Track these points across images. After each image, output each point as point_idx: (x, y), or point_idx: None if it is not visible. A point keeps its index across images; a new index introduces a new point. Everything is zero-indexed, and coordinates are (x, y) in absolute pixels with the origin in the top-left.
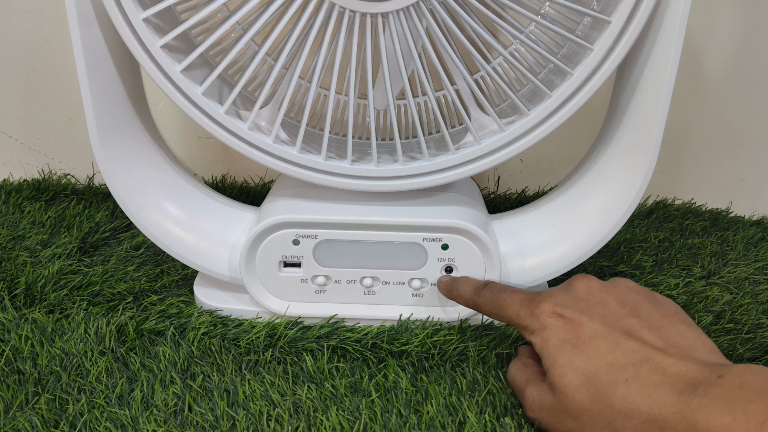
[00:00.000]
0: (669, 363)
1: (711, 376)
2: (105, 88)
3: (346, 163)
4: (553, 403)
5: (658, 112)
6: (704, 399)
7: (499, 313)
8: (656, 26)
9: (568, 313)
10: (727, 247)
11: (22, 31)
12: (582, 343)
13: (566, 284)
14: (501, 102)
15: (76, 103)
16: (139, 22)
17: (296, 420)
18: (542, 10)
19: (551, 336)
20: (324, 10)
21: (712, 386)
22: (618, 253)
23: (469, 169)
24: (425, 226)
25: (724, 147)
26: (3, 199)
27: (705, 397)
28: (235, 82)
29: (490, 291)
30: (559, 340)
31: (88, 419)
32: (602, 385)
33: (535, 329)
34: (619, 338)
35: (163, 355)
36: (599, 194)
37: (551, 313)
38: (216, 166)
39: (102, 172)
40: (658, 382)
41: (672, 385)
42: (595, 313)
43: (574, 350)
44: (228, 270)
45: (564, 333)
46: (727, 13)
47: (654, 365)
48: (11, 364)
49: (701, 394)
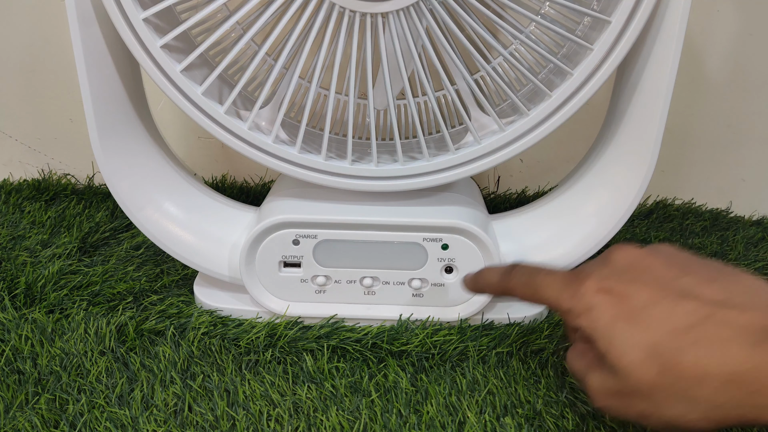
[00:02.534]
0: (734, 315)
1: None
2: (105, 88)
3: (346, 163)
4: (619, 386)
5: (658, 112)
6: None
7: (534, 296)
8: (656, 26)
9: (615, 286)
10: (727, 247)
11: (22, 31)
12: (636, 315)
13: (603, 257)
14: (501, 102)
15: (76, 103)
16: (139, 22)
17: (296, 420)
18: (542, 10)
19: (601, 315)
20: (324, 10)
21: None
22: None
23: (469, 169)
24: (425, 226)
25: (724, 147)
26: (3, 199)
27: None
28: (235, 82)
29: (522, 273)
30: (611, 318)
31: (88, 419)
32: (668, 354)
33: (581, 311)
34: (676, 300)
35: (163, 355)
36: (599, 194)
37: (597, 290)
38: (216, 166)
39: (102, 172)
40: (726, 337)
41: (743, 338)
42: (644, 281)
43: (629, 324)
44: (228, 270)
45: (614, 309)
46: (727, 13)
47: (719, 321)
48: (11, 364)
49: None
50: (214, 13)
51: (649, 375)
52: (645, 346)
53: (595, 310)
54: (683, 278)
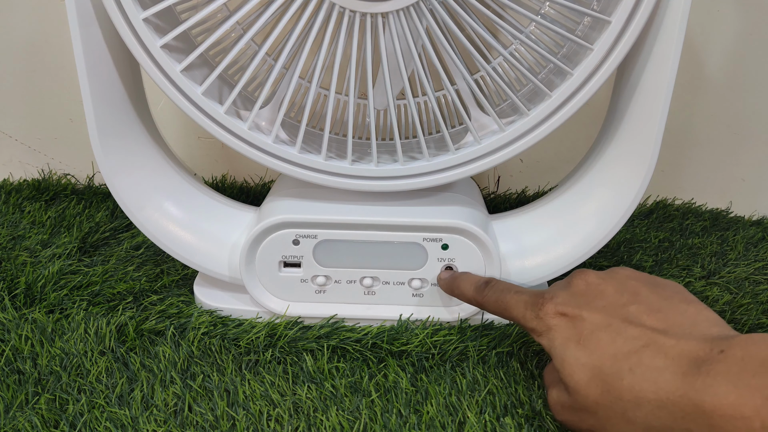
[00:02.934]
0: (671, 344)
1: (713, 352)
2: (105, 88)
3: (346, 163)
4: (570, 402)
5: (658, 112)
6: (707, 378)
7: (504, 313)
8: (656, 26)
9: (569, 310)
10: (727, 247)
11: (22, 31)
12: (585, 338)
13: (566, 281)
14: (501, 102)
15: (76, 103)
16: (139, 22)
17: (296, 420)
18: (542, 10)
19: (557, 336)
20: (324, 10)
21: (714, 363)
22: (618, 253)
23: (469, 169)
24: (425, 226)
25: (724, 147)
26: (3, 199)
27: (708, 376)
28: (235, 82)
29: (494, 291)
30: (564, 339)
31: (88, 419)
32: (609, 377)
33: (542, 331)
34: (620, 326)
35: (163, 355)
36: (599, 194)
37: (555, 314)
38: (216, 166)
39: (102, 172)
40: (661, 365)
41: (675, 367)
42: (595, 306)
43: (579, 346)
44: (228, 270)
45: (568, 331)
46: (727, 13)
47: (656, 349)
48: (11, 364)
49: (704, 372)
50: (214, 13)
51: (594, 394)
52: (591, 367)
53: (552, 331)
54: (631, 306)
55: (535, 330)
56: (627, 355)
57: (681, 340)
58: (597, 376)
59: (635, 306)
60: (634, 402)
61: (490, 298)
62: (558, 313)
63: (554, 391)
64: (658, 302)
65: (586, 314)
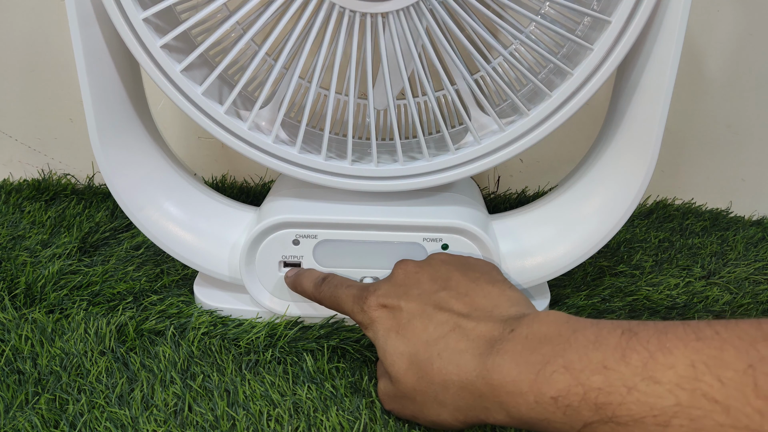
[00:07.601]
0: (471, 327)
1: (504, 332)
2: (105, 88)
3: (346, 163)
4: (394, 391)
5: (658, 112)
6: (497, 357)
7: (337, 308)
8: (656, 26)
9: (389, 301)
10: (727, 247)
11: (22, 31)
12: (403, 327)
13: (390, 274)
14: (501, 102)
15: (76, 103)
16: (139, 22)
17: (296, 420)
18: (542, 10)
19: (379, 328)
20: (324, 10)
21: (504, 342)
22: (618, 253)
23: (469, 169)
24: (425, 226)
25: (724, 147)
26: (3, 199)
27: (498, 355)
28: (235, 82)
29: (328, 286)
30: (386, 330)
31: (88, 419)
32: (422, 363)
33: (368, 324)
34: (432, 313)
35: (163, 355)
36: (599, 194)
37: (377, 306)
38: (216, 166)
39: (102, 172)
40: (463, 348)
41: (474, 349)
42: (412, 295)
43: (398, 336)
44: (228, 270)
45: (388, 322)
46: (727, 13)
47: (460, 332)
48: (11, 364)
49: (495, 351)
50: (214, 13)
51: (411, 381)
52: (408, 355)
53: (376, 323)
54: (442, 292)
55: (362, 323)
56: (436, 340)
57: (480, 323)
58: (414, 363)
59: (445, 292)
60: (442, 385)
61: (326, 294)
62: (380, 305)
63: (381, 382)
64: (466, 285)
65: (403, 304)
